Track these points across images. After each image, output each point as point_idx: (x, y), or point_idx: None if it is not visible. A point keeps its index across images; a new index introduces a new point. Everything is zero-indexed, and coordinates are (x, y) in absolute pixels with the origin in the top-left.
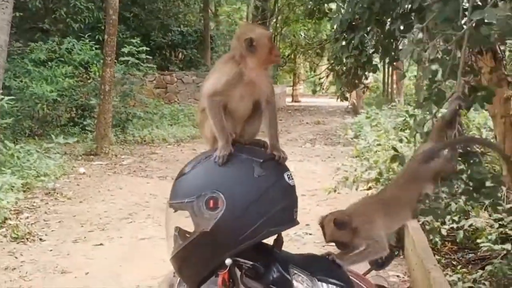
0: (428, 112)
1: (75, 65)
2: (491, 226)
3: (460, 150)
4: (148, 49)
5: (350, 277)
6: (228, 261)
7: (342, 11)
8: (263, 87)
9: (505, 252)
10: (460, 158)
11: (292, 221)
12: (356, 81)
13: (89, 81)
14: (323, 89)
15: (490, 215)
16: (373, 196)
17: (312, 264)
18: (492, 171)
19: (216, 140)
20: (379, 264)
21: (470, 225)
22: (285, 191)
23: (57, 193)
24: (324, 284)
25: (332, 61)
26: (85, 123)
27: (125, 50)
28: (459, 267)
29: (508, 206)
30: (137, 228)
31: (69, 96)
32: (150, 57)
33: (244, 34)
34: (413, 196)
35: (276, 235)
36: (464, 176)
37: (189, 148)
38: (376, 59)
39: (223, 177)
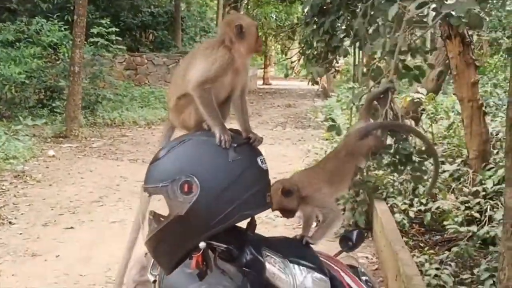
0: (365, 87)
1: (44, 46)
2: (458, 209)
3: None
4: (117, 30)
5: (322, 258)
6: (202, 244)
7: None
8: (245, 75)
9: (470, 234)
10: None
11: (265, 205)
12: (327, 65)
13: (58, 62)
14: (295, 73)
15: (456, 198)
16: (315, 167)
17: (285, 247)
18: (418, 146)
19: (198, 126)
20: (349, 246)
21: (437, 208)
22: (258, 175)
23: (26, 176)
24: (296, 266)
25: (303, 45)
26: (54, 105)
27: (95, 31)
28: (426, 248)
29: (474, 189)
30: (108, 211)
31: (38, 77)
32: (120, 38)
33: (235, 20)
34: (351, 168)
35: (249, 218)
36: (391, 151)
37: (160, 131)
38: (346, 43)
39: (198, 162)
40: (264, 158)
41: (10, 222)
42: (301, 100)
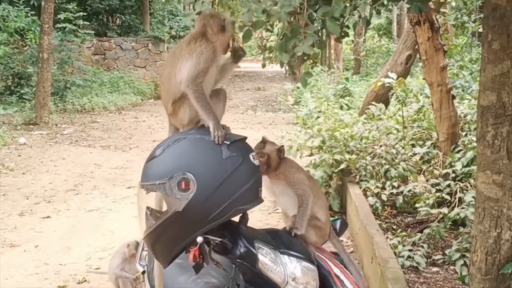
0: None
1: (10, 33)
2: (429, 191)
3: None
4: (85, 14)
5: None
6: (199, 239)
7: None
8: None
9: (441, 215)
10: None
11: (257, 199)
12: (305, 57)
13: (25, 48)
14: (271, 62)
15: (427, 181)
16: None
17: (275, 238)
18: None
19: (191, 124)
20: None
21: (409, 191)
22: (251, 171)
23: None
24: (286, 256)
25: (281, 37)
26: (22, 91)
27: (62, 16)
28: (399, 230)
29: (444, 171)
30: (84, 199)
31: (5, 64)
32: (88, 23)
33: (216, 15)
34: None
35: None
36: None
37: (131, 116)
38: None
39: (193, 159)
40: (255, 155)
41: None
42: (270, 83)
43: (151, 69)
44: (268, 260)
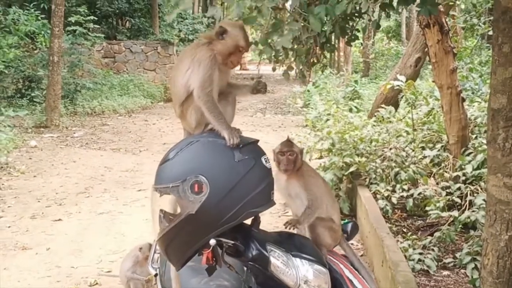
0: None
1: (21, 36)
2: (439, 194)
3: None
4: (95, 18)
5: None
6: (212, 241)
7: None
8: (227, 75)
9: (452, 219)
10: None
11: (269, 202)
12: (315, 61)
13: (35, 52)
14: (282, 65)
15: (437, 183)
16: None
17: (286, 241)
18: None
19: (200, 126)
20: (344, 238)
21: (419, 194)
22: (263, 174)
23: (10, 168)
24: (298, 259)
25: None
26: (33, 94)
27: (72, 19)
28: (409, 234)
29: (455, 174)
30: (95, 202)
31: (16, 67)
32: (98, 26)
33: (224, 23)
34: None
35: None
36: None
37: (141, 119)
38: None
39: (206, 162)
40: (267, 158)
41: None
42: (279, 86)
43: (160, 72)
44: (280, 262)
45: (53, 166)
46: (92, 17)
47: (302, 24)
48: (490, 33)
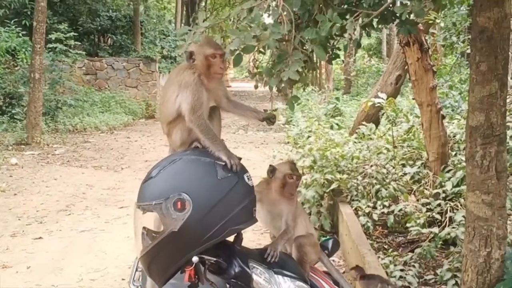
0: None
1: (2, 53)
2: (419, 211)
3: None
4: (76, 34)
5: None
6: (195, 258)
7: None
8: (220, 85)
9: (432, 235)
10: None
11: (252, 219)
12: (294, 81)
13: (16, 68)
14: (261, 82)
15: (418, 200)
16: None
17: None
18: None
19: (184, 145)
20: (325, 254)
21: (400, 210)
22: (245, 191)
23: None
24: (280, 276)
25: (270, 62)
26: (13, 111)
27: (53, 36)
28: (390, 250)
29: (435, 191)
30: (76, 220)
31: None
32: (79, 43)
33: (193, 46)
34: None
35: None
36: None
37: (123, 136)
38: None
39: (189, 180)
40: (250, 175)
41: None
42: (261, 103)
43: (142, 89)
44: (262, 279)
45: (34, 184)
46: (72, 34)
47: (310, 50)
48: (469, 51)
